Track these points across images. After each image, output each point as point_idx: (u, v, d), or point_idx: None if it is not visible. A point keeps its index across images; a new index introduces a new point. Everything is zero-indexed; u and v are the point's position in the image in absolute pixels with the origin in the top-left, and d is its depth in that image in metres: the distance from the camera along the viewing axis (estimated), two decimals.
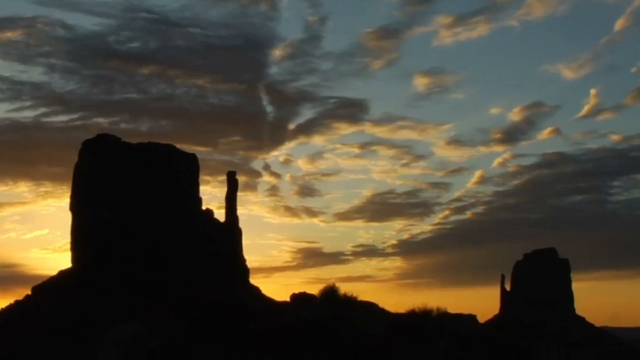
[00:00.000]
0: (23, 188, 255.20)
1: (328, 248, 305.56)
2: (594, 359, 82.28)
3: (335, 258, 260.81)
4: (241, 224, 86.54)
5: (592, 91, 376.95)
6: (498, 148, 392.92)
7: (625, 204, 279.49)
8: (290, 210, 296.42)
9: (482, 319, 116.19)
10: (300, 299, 69.23)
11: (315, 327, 45.68)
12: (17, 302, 71.78)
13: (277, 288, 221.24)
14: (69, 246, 78.55)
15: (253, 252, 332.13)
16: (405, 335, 47.94)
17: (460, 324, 62.35)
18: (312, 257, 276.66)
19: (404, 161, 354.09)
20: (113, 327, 41.95)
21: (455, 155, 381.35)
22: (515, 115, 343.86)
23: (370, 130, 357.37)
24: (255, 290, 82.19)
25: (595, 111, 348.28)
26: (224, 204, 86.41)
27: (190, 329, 41.17)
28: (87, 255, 75.36)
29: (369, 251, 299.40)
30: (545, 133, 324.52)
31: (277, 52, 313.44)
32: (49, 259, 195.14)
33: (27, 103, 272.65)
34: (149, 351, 36.82)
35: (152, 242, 76.22)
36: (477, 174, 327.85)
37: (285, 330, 44.90)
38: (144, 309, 63.89)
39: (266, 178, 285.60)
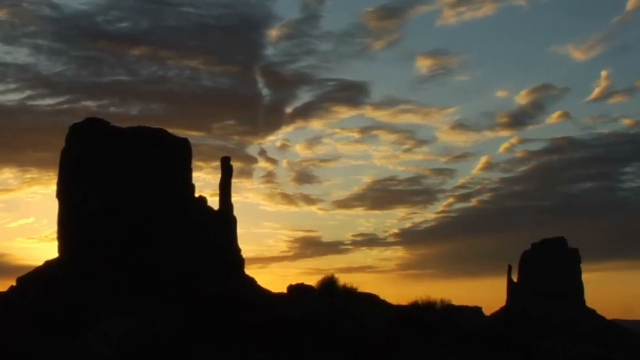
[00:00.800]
0: (8, 174, 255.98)
1: (327, 237, 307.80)
2: (602, 352, 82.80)
3: (334, 248, 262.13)
4: (236, 212, 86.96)
5: (603, 73, 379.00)
6: (504, 133, 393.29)
7: (637, 191, 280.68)
8: (287, 198, 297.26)
9: (488, 311, 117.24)
10: (297, 290, 69.78)
11: (314, 320, 46.09)
12: (1, 294, 72.18)
13: (273, 279, 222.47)
14: (55, 235, 79.00)
15: (248, 241, 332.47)
16: (408, 329, 48.33)
17: (465, 317, 62.89)
18: (310, 246, 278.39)
19: (406, 146, 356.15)
20: (106, 321, 42.35)
21: (460, 140, 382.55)
22: (522, 98, 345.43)
23: (371, 114, 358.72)
24: (251, 281, 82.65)
25: (606, 94, 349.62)
26: (217, 191, 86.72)
27: (186, 321, 41.56)
28: (74, 244, 75.69)
29: (369, 240, 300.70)
30: (553, 117, 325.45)
31: (273, 33, 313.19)
32: (35, 248, 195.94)
33: (12, 85, 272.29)
34: (146, 346, 37.24)
35: (142, 230, 76.55)
36: (483, 159, 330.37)
37: (283, 324, 45.30)
38: (135, 299, 64.34)
39: (262, 164, 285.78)
